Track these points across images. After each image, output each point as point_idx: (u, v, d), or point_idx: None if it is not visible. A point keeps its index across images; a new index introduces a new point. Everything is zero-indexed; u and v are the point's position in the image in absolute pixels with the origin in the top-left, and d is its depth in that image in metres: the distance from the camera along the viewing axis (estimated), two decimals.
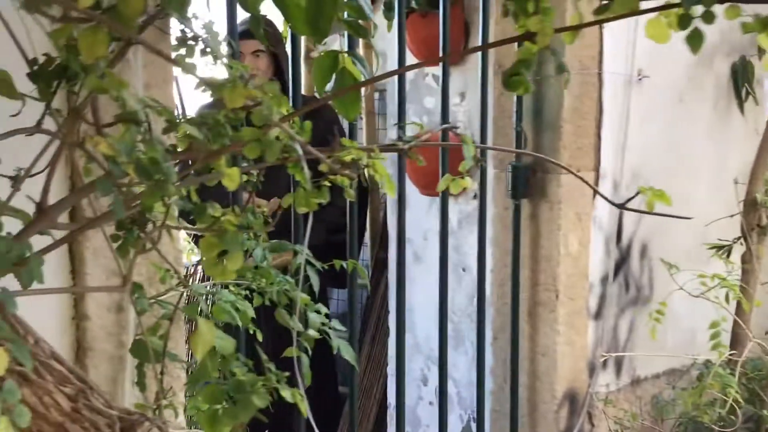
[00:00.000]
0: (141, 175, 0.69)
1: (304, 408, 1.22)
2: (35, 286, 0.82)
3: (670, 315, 2.40)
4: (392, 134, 2.89)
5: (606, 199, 1.15)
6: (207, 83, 0.72)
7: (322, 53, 1.02)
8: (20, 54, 0.96)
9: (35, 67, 0.90)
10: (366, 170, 1.00)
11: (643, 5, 0.78)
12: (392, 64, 2.13)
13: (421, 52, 2.49)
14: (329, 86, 1.12)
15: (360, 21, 1.05)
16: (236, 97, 0.68)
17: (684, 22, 0.76)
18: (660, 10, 0.80)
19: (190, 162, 1.01)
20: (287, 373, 1.20)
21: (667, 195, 1.15)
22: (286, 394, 1.16)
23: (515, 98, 2.24)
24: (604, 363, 2.46)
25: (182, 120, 0.77)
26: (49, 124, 1.01)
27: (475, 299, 2.27)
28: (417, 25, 2.42)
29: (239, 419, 1.12)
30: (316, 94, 3.84)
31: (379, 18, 1.67)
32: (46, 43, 1.08)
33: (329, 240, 2.88)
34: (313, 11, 1.00)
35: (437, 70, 2.57)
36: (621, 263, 2.49)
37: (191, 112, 3.12)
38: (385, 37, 2.04)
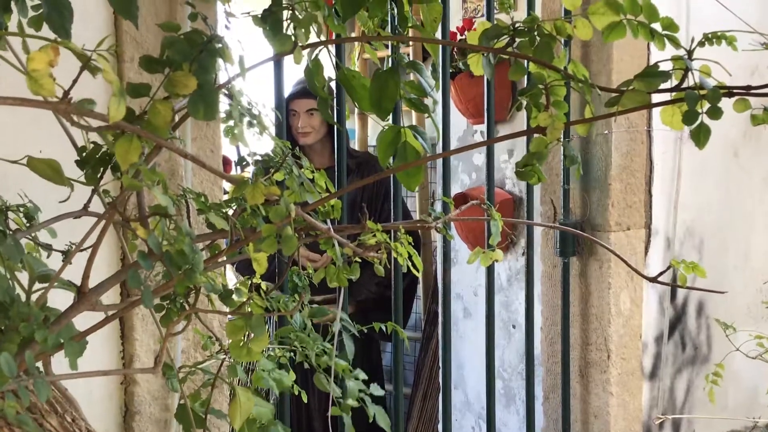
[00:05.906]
0: (170, 267, 0.74)
1: None
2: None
3: (731, 374, 2.32)
4: (440, 191, 2.91)
5: (637, 272, 1.15)
6: (231, 180, 0.76)
7: (385, 128, 1.05)
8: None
9: (83, 154, 0.97)
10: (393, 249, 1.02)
11: (656, 97, 0.79)
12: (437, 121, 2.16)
13: (469, 111, 2.53)
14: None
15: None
16: (256, 195, 0.72)
17: (690, 118, 0.76)
18: (667, 104, 0.80)
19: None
20: None
21: (701, 267, 1.14)
22: None
23: (562, 156, 2.25)
24: (661, 425, 2.38)
25: (209, 206, 0.81)
26: (98, 205, 1.08)
27: None
28: (465, 85, 2.47)
29: None
30: (370, 149, 3.90)
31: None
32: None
33: (383, 294, 2.90)
34: (378, 91, 1.05)
35: (486, 127, 2.60)
36: (676, 322, 2.43)
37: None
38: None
